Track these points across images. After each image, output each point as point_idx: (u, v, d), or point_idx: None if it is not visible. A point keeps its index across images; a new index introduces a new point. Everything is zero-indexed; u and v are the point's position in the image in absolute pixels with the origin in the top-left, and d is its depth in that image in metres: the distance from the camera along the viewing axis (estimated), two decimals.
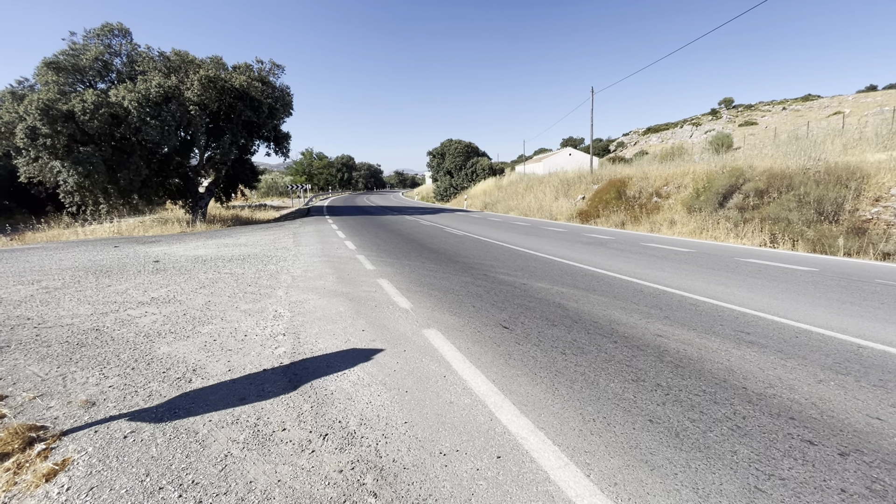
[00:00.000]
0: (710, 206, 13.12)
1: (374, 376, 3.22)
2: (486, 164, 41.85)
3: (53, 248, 10.55)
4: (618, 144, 70.36)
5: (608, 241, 11.56)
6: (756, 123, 51.43)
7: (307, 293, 5.78)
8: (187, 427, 2.59)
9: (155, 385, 3.14)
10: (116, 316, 4.82)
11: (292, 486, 2.06)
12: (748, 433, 2.46)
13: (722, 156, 17.71)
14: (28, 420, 2.71)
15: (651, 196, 16.47)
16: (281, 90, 21.48)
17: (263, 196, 56.67)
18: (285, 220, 22.22)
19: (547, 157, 52.95)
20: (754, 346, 3.78)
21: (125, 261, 8.49)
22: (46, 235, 15.07)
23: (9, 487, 2.17)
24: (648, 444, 2.36)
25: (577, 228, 15.73)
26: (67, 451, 2.39)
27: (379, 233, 14.04)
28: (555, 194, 23.09)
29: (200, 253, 9.67)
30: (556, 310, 4.93)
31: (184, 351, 3.78)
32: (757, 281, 6.36)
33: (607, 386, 3.04)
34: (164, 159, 18.72)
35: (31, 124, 14.50)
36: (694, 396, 2.89)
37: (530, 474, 2.12)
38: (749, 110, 60.46)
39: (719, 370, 3.30)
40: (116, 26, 18.02)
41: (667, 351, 3.69)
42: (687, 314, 4.74)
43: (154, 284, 6.35)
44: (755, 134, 42.32)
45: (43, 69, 16.01)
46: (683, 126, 62.19)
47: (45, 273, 7.21)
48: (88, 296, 5.69)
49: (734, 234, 11.64)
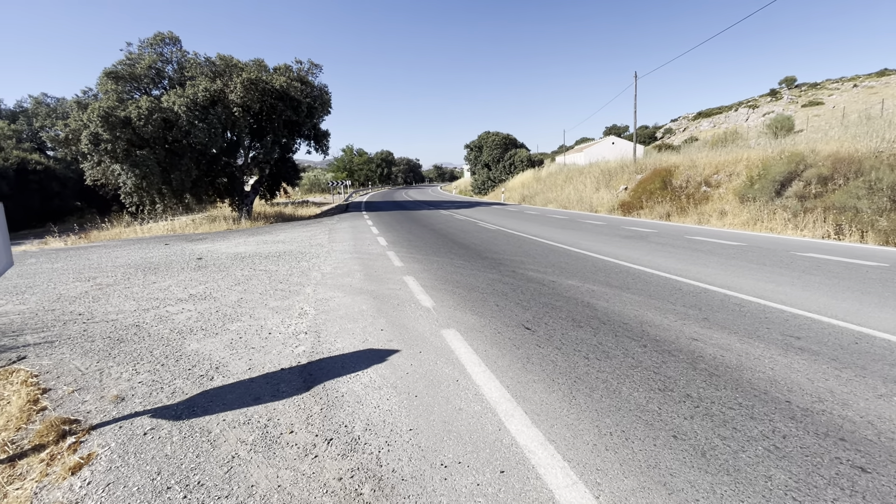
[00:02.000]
0: (765, 195, 12.15)
1: (386, 379, 3.19)
2: (524, 156, 41.05)
3: (112, 246, 11.37)
4: (665, 131, 66.89)
5: (649, 234, 10.97)
6: (822, 103, 47.16)
7: (334, 291, 5.86)
8: (202, 426, 2.65)
9: (179, 382, 3.26)
10: (156, 312, 5.09)
11: (291, 493, 2.05)
12: (787, 455, 2.20)
13: (781, 140, 16.35)
14: (64, 413, 2.88)
15: (699, 185, 15.49)
16: (319, 89, 21.98)
17: (306, 193, 58.60)
18: (324, 217, 22.83)
19: (588, 147, 51.20)
20: (804, 353, 3.42)
21: (172, 258, 9.00)
22: (109, 234, 16.31)
23: (41, 478, 2.31)
24: (669, 463, 2.16)
25: (618, 221, 15.07)
26: (93, 445, 2.52)
27: (412, 228, 14.09)
28: (595, 185, 22.27)
29: (241, 250, 10.09)
30: (583, 309, 4.70)
31: (210, 348, 3.91)
32: (814, 278, 5.79)
33: (630, 395, 2.83)
34: (212, 160, 19.71)
35: (94, 131, 15.66)
36: (728, 410, 2.63)
37: (534, 492, 1.99)
38: (814, 89, 55.50)
39: (760, 380, 3.00)
40: (167, 35, 19.08)
41: (702, 357, 3.41)
42: (729, 315, 4.38)
43: (194, 281, 6.67)
44: (820, 115, 38.84)
45: (104, 79, 17.25)
46: (738, 109, 58.10)
47: (101, 270, 7.76)
48: (135, 292, 6.05)
49: (792, 224, 10.71)
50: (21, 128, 35.31)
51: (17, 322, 4.80)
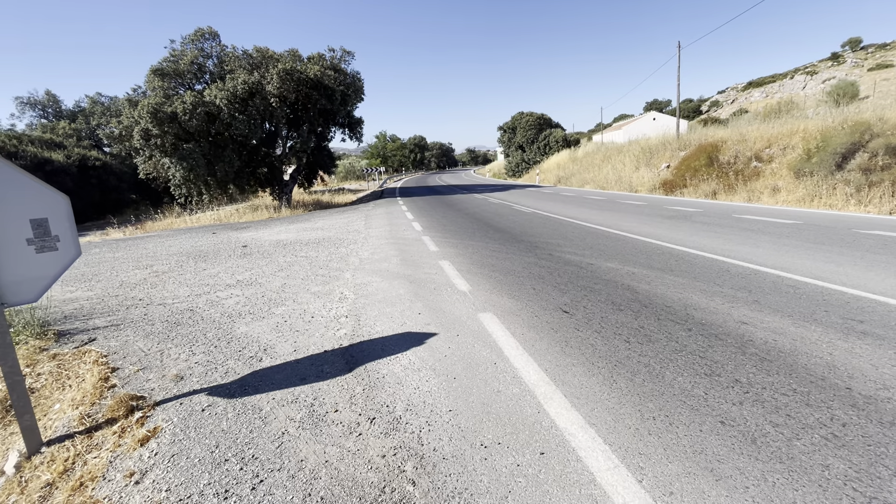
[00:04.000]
0: (824, 169, 11.27)
1: (425, 361, 3.25)
2: (559, 136, 39.89)
3: (166, 236, 12.07)
4: (712, 104, 63.03)
5: (694, 213, 10.47)
6: (892, 65, 42.86)
7: (371, 275, 5.99)
8: (254, 404, 2.82)
9: (231, 363, 3.46)
10: (207, 297, 5.39)
11: (338, 468, 2.15)
12: (847, 444, 2.09)
13: (843, 108, 15.02)
14: (131, 390, 3.13)
15: (749, 161, 14.56)
16: (352, 76, 22.13)
17: (342, 180, 59.68)
18: (360, 203, 23.22)
19: (627, 124, 49.09)
20: (867, 338, 3.19)
21: (220, 246, 9.46)
22: (162, 224, 17.31)
23: (115, 448, 2.53)
24: (717, 449, 2.10)
25: (660, 201, 14.46)
26: (158, 420, 2.73)
27: (447, 213, 14.10)
28: (635, 164, 21.39)
29: (282, 237, 10.46)
30: (624, 292, 4.58)
31: (258, 331, 4.12)
32: (881, 257, 5.36)
33: (674, 380, 2.76)
34: (253, 151, 20.39)
35: (145, 126, 16.53)
36: (780, 396, 2.52)
37: (574, 475, 1.99)
38: (883, 50, 50.46)
39: (817, 366, 2.84)
40: (207, 30, 19.69)
41: (752, 341, 3.25)
42: (782, 298, 4.14)
43: (240, 268, 7.00)
44: (890, 78, 35.37)
45: (150, 76, 18.09)
46: (794, 77, 53.81)
47: (157, 258, 8.27)
48: (187, 279, 6.42)
49: (855, 200, 9.91)
50: (80, 126, 37.78)
51: (86, 307, 5.22)
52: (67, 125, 36.71)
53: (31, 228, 2.45)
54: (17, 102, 41.23)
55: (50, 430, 2.71)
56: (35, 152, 27.37)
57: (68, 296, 5.77)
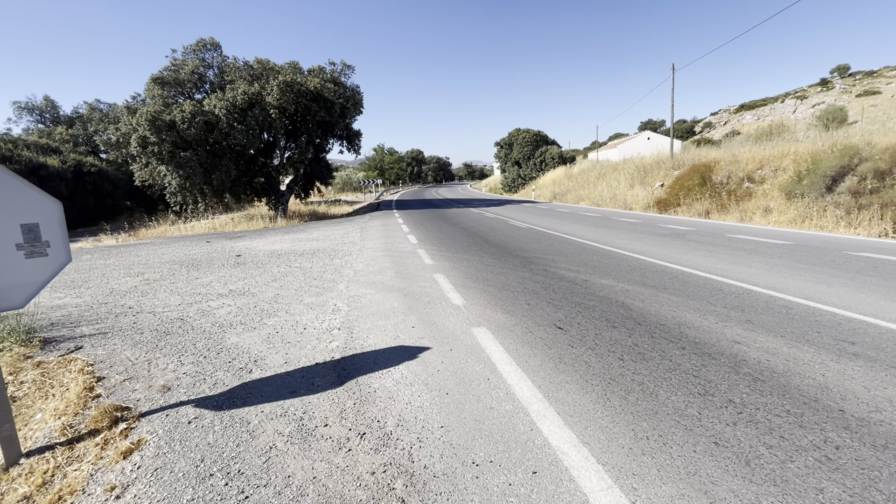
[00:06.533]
0: (815, 191, 11.45)
1: (418, 375, 3.21)
2: (555, 153, 40.35)
3: (159, 244, 11.98)
4: (705, 125, 64.20)
5: (687, 232, 10.57)
6: (879, 92, 44.00)
7: (366, 288, 5.95)
8: (241, 417, 2.76)
9: (220, 374, 3.40)
10: (199, 307, 5.32)
11: (326, 485, 2.10)
12: (841, 467, 2.07)
13: (832, 132, 15.34)
14: (116, 400, 3.06)
15: (742, 181, 14.77)
16: (352, 90, 22.36)
17: (339, 192, 59.76)
18: (356, 215, 23.23)
19: (623, 143, 49.80)
20: (859, 360, 3.20)
21: (213, 255, 9.39)
22: (156, 231, 17.19)
23: (96, 461, 2.46)
24: (710, 470, 2.08)
25: (653, 219, 14.59)
26: (142, 432, 2.66)
27: (442, 226, 14.13)
28: (630, 182, 21.62)
29: (277, 247, 10.41)
30: (618, 309, 4.58)
31: (249, 342, 4.06)
32: (871, 279, 5.41)
33: (668, 399, 2.74)
34: (250, 160, 20.42)
35: (142, 134, 16.53)
36: (774, 417, 2.50)
37: (567, 495, 1.96)
38: (870, 77, 51.84)
39: (810, 387, 2.84)
40: (209, 41, 19.88)
41: (745, 361, 3.25)
42: (775, 318, 4.16)
43: (233, 278, 6.94)
44: (877, 105, 36.26)
45: (151, 84, 18.17)
46: (785, 100, 55.04)
47: (149, 266, 8.19)
48: (179, 287, 6.35)
49: (845, 222, 10.05)
50: (77, 132, 37.72)
51: (74, 314, 5.14)
52: (64, 131, 36.66)
53: (21, 233, 2.42)
54: (15, 107, 41.21)
55: (30, 440, 2.63)
56: (30, 157, 27.25)
57: (56, 302, 5.68)
